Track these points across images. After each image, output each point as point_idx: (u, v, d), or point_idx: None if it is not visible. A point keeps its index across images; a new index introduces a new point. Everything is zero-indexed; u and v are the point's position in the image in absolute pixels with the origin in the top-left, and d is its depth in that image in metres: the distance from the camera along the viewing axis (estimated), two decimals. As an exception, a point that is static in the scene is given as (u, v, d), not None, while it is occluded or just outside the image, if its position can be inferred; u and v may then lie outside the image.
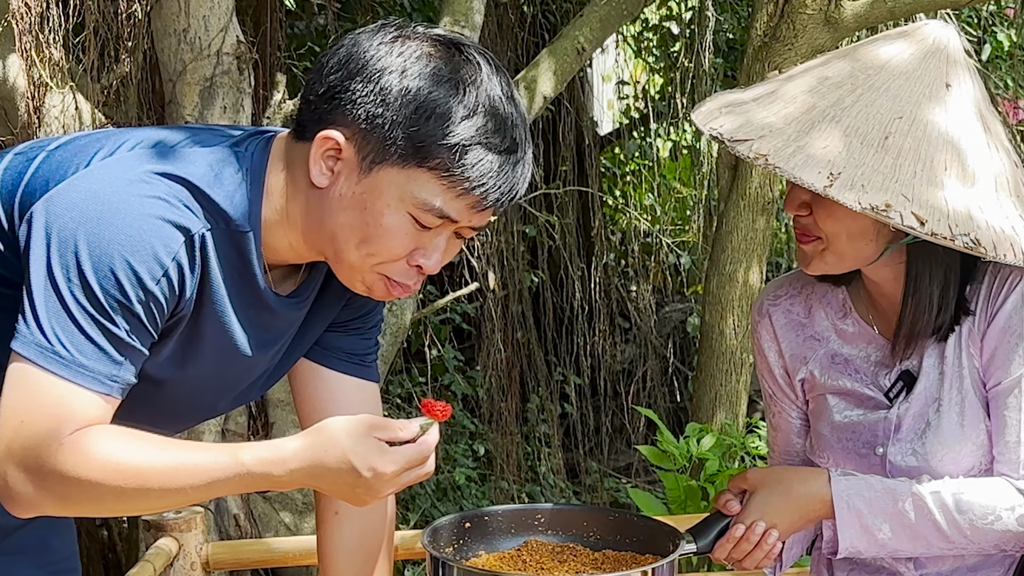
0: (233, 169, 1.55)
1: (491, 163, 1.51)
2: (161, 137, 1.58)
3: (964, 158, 1.73)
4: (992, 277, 1.84)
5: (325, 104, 1.53)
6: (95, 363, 1.45)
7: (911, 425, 1.89)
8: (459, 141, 1.49)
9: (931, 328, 1.84)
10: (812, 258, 1.84)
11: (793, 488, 1.89)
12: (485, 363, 5.78)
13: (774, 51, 4.06)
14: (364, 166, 1.51)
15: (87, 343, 1.44)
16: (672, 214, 7.44)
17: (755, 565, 1.90)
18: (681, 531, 1.88)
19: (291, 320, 1.70)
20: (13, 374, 1.45)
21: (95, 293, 1.43)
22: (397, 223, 1.53)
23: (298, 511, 3.65)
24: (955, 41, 1.81)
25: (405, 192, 1.51)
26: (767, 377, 2.07)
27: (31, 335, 1.44)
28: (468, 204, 1.53)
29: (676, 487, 3.38)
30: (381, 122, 1.49)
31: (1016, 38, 5.97)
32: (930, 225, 1.66)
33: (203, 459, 1.48)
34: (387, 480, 1.48)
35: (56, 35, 3.14)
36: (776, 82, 1.85)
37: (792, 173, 1.68)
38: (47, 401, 1.44)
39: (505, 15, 5.90)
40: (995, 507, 1.81)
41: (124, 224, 1.44)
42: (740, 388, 4.37)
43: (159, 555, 2.42)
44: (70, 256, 1.43)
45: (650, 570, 1.74)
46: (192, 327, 1.57)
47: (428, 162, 1.50)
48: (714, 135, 1.76)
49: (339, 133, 1.51)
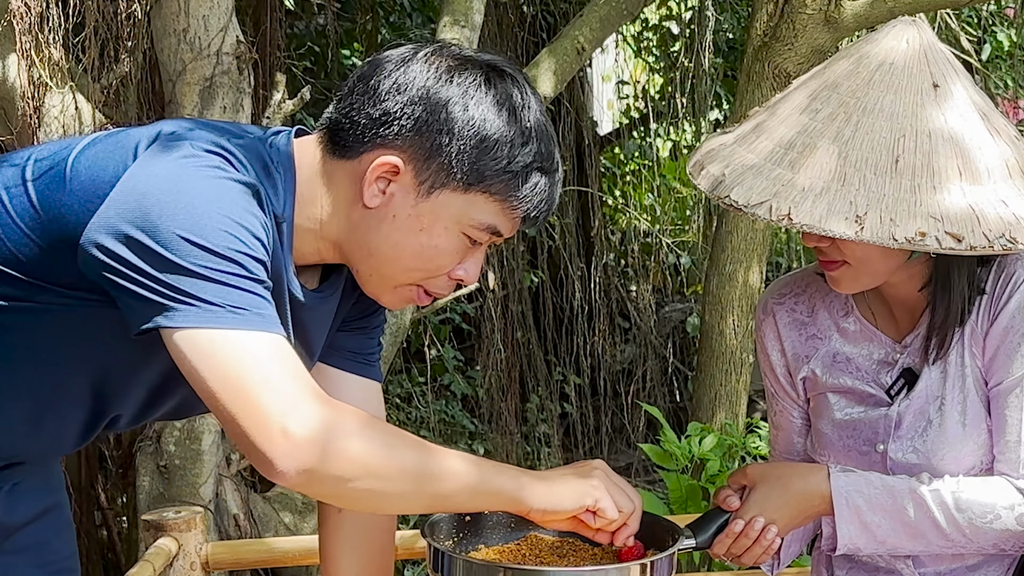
0: (265, 161, 1.56)
1: (544, 184, 1.59)
2: (194, 125, 1.59)
3: (974, 155, 1.73)
4: (997, 275, 1.84)
5: (380, 128, 1.55)
6: (263, 309, 1.42)
7: (912, 422, 1.89)
8: (521, 167, 1.56)
9: (958, 318, 1.84)
10: (843, 280, 1.83)
11: (792, 484, 1.89)
12: (485, 363, 5.79)
13: (774, 51, 4.06)
14: (423, 190, 1.55)
15: (245, 294, 1.40)
16: (672, 214, 7.45)
17: (754, 561, 1.90)
18: (680, 526, 1.88)
19: (320, 316, 1.71)
20: (197, 349, 1.38)
21: (219, 252, 1.40)
22: (452, 243, 1.58)
23: (298, 511, 3.65)
24: (927, 36, 1.80)
25: (464, 215, 1.56)
26: (769, 376, 2.07)
27: (194, 309, 1.39)
28: (518, 219, 1.60)
29: (678, 487, 3.38)
30: (447, 150, 1.53)
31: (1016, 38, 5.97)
32: (968, 240, 1.66)
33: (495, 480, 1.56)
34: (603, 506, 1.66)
35: (56, 35, 3.14)
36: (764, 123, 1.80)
37: (822, 228, 1.67)
38: (262, 356, 1.39)
39: (505, 15, 5.91)
40: (994, 506, 1.81)
41: (203, 191, 1.43)
42: (740, 388, 4.37)
43: (159, 555, 2.42)
44: (174, 238, 1.39)
45: (649, 564, 1.74)
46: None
47: (490, 188, 1.55)
48: (730, 204, 1.73)
49: (398, 159, 1.54)
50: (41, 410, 1.63)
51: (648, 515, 1.98)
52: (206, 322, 1.38)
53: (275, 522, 3.60)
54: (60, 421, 1.66)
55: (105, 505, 4.24)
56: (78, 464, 4.08)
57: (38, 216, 1.51)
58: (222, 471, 3.49)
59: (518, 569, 1.75)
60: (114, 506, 4.30)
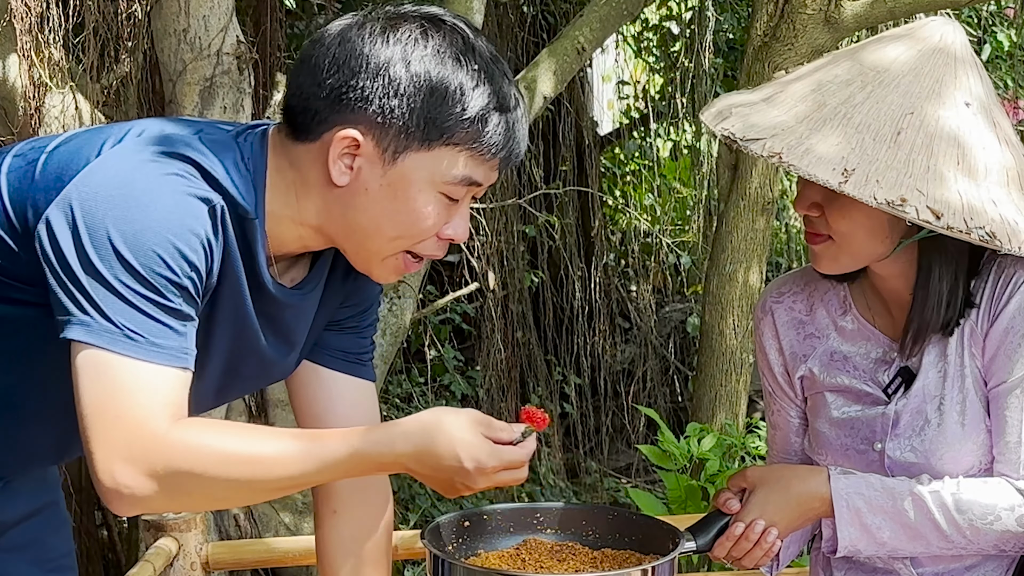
0: (237, 157, 1.57)
1: (506, 123, 1.57)
2: (165, 124, 1.60)
3: (975, 153, 1.74)
4: (996, 276, 1.84)
5: (331, 105, 1.54)
6: (165, 340, 1.45)
7: (909, 421, 1.89)
8: (477, 112, 1.54)
9: (939, 323, 1.84)
10: (824, 258, 1.84)
11: (792, 486, 1.89)
12: (485, 363, 5.78)
13: (774, 51, 4.06)
14: (387, 157, 1.54)
15: (150, 322, 1.44)
16: (672, 214, 7.44)
17: (754, 563, 1.91)
18: (681, 530, 1.88)
19: (300, 312, 1.71)
20: (86, 366, 1.43)
21: (141, 274, 1.43)
22: (430, 204, 1.57)
23: (298, 511, 3.65)
24: (960, 38, 1.82)
25: (435, 173, 1.55)
26: (767, 375, 2.08)
27: (95, 323, 1.43)
28: (492, 166, 1.58)
29: (677, 487, 3.38)
30: (399, 112, 1.52)
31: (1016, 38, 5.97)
32: (946, 219, 1.67)
33: (312, 445, 1.50)
34: (486, 475, 1.52)
35: (56, 35, 3.14)
36: (783, 82, 1.85)
37: (806, 171, 1.69)
38: (134, 388, 1.43)
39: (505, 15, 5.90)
40: (995, 507, 1.81)
41: (151, 202, 1.45)
42: (740, 388, 4.37)
43: (159, 555, 2.42)
44: (106, 244, 1.43)
45: (650, 568, 1.74)
46: (212, 305, 1.58)
47: (452, 139, 1.54)
48: (726, 135, 1.76)
49: (355, 131, 1.53)
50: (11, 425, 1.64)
51: (648, 518, 1.98)
52: (100, 341, 1.42)
53: (275, 522, 3.60)
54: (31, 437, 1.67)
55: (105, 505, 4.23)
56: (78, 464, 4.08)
57: (6, 211, 1.54)
58: (222, 471, 3.48)
59: None
60: (114, 506, 4.29)
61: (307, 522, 3.64)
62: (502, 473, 1.54)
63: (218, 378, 1.68)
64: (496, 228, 5.65)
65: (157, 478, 1.44)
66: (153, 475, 1.43)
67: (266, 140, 1.61)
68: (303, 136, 1.57)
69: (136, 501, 1.46)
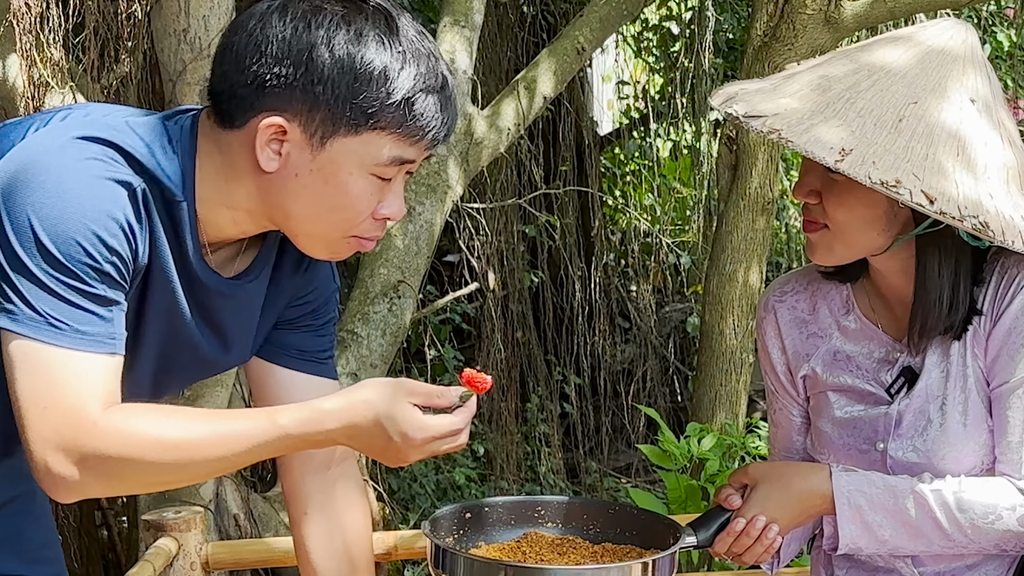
0: (165, 140, 1.56)
1: (434, 104, 1.54)
2: (91, 108, 1.60)
3: (977, 147, 1.74)
4: (999, 277, 1.85)
5: (255, 92, 1.52)
6: (90, 327, 1.46)
7: (912, 421, 1.89)
8: (403, 95, 1.52)
9: (943, 324, 1.84)
10: (819, 247, 1.84)
11: (794, 483, 1.89)
12: (485, 363, 5.78)
13: (774, 51, 4.06)
14: (315, 143, 1.53)
15: (74, 309, 1.45)
16: (672, 214, 7.44)
17: (755, 560, 1.91)
18: (681, 525, 1.88)
19: (240, 304, 1.70)
20: (16, 355, 1.45)
21: (62, 262, 1.44)
22: (362, 187, 1.56)
23: (298, 511, 3.64)
24: (970, 38, 1.83)
25: (364, 156, 1.54)
26: (770, 373, 2.08)
27: (21, 312, 1.44)
28: (422, 147, 1.56)
29: (677, 487, 3.38)
30: (324, 98, 1.50)
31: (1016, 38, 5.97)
32: (939, 204, 1.67)
33: (242, 426, 1.50)
34: (416, 447, 1.51)
35: (56, 35, 3.14)
36: (791, 72, 1.87)
37: (804, 147, 1.69)
38: (64, 377, 1.44)
39: (505, 15, 5.90)
40: (996, 506, 1.81)
41: (69, 189, 1.45)
42: (740, 388, 4.37)
43: (159, 555, 2.42)
44: (27, 231, 1.44)
45: (651, 562, 1.74)
46: (143, 291, 1.58)
47: (379, 123, 1.52)
48: (729, 112, 1.77)
49: (280, 118, 1.52)
50: None
51: (649, 513, 1.98)
52: (25, 330, 1.44)
53: (275, 522, 3.60)
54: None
55: (105, 505, 4.24)
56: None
57: None
58: (222, 471, 3.48)
59: (520, 567, 1.75)
60: (114, 506, 4.30)
61: (307, 522, 3.63)
62: (436, 443, 1.52)
63: (152, 367, 1.68)
64: (496, 228, 5.65)
65: (90, 465, 1.45)
66: (85, 462, 1.45)
67: (196, 124, 1.60)
68: (229, 123, 1.56)
69: (72, 488, 1.48)
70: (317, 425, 1.51)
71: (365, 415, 1.50)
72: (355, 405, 1.51)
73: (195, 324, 1.65)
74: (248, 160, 1.55)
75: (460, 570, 1.73)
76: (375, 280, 3.58)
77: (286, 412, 1.52)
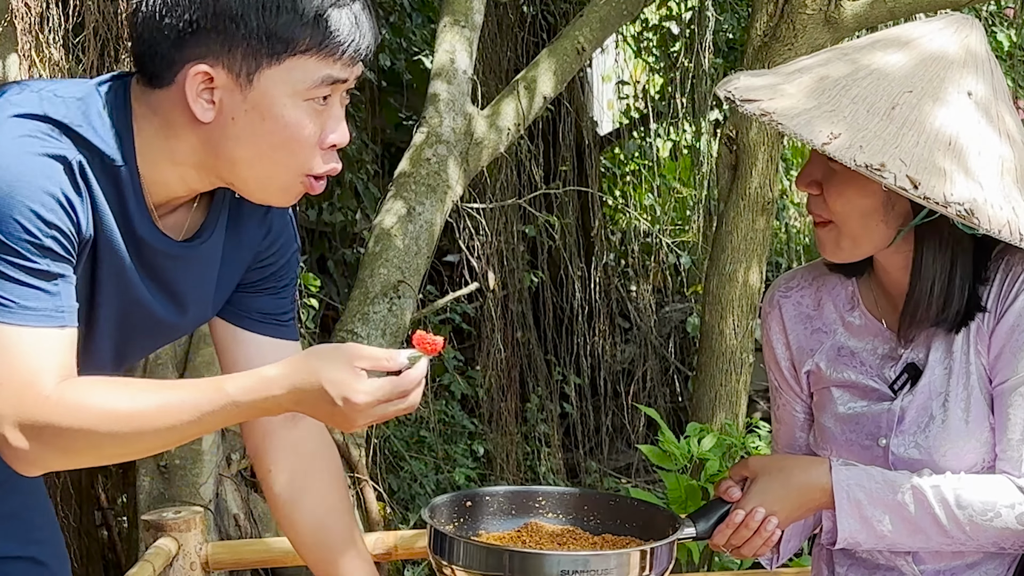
0: (99, 106, 1.57)
1: (348, 17, 1.55)
2: (24, 86, 1.61)
3: (970, 138, 1.75)
4: (1004, 275, 1.85)
5: (174, 45, 1.54)
6: (36, 302, 1.49)
7: (914, 418, 1.89)
8: (314, 12, 1.53)
9: (935, 317, 1.84)
10: (827, 243, 1.86)
11: (794, 476, 1.89)
12: (485, 363, 5.78)
13: (774, 51, 4.06)
14: (243, 82, 1.54)
15: (18, 286, 1.48)
16: (672, 214, 7.45)
17: (753, 552, 1.91)
18: (681, 516, 1.89)
19: (192, 265, 1.71)
20: None
21: (3, 241, 1.47)
22: (299, 116, 1.56)
23: (298, 511, 3.64)
24: (975, 34, 1.83)
25: (293, 84, 1.54)
26: (773, 369, 2.08)
27: None
28: (346, 62, 1.56)
29: (677, 487, 3.38)
30: (239, 34, 1.52)
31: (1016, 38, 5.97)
32: (923, 188, 1.68)
33: (190, 395, 1.52)
34: (360, 411, 1.51)
35: (56, 35, 3.14)
36: (798, 62, 1.88)
37: (794, 131, 1.70)
38: (14, 353, 1.48)
39: (505, 15, 5.91)
40: (995, 504, 1.81)
41: (3, 168, 1.47)
42: (740, 388, 4.37)
43: (159, 555, 2.42)
44: None
45: (649, 551, 1.74)
46: (91, 260, 1.59)
47: (298, 47, 1.53)
48: (726, 95, 1.79)
49: (204, 65, 1.53)
50: None
51: (649, 505, 1.98)
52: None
53: (275, 522, 3.60)
54: None
55: (105, 505, 4.24)
56: (78, 464, 4.08)
57: None
58: (222, 471, 3.49)
59: (524, 553, 1.75)
60: (114, 506, 4.30)
61: (307, 522, 3.63)
62: (382, 406, 1.52)
63: (111, 338, 1.69)
64: (496, 228, 5.65)
65: (45, 439, 1.48)
66: (41, 436, 1.48)
67: (128, 89, 1.61)
68: (158, 82, 1.57)
69: (32, 461, 1.51)
70: (263, 392, 1.51)
71: (309, 381, 1.50)
72: (300, 371, 1.52)
73: (148, 289, 1.66)
74: (184, 115, 1.56)
75: (463, 557, 1.73)
76: (375, 280, 3.58)
77: (233, 380, 1.53)
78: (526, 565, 1.71)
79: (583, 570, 1.70)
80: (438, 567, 1.78)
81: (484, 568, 1.73)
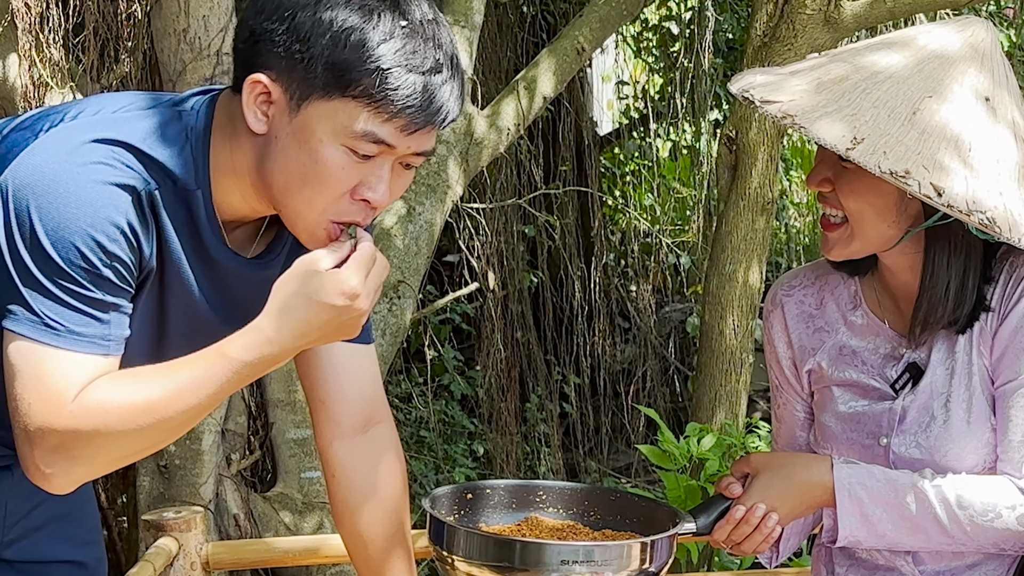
0: (176, 129, 1.57)
1: (415, 84, 1.49)
2: (102, 104, 1.60)
3: (989, 144, 1.75)
4: (1008, 276, 1.85)
5: (248, 50, 1.53)
6: (85, 328, 1.49)
7: (915, 417, 1.89)
8: (379, 65, 1.48)
9: (947, 318, 1.84)
10: (837, 243, 1.85)
11: (795, 473, 1.89)
12: (485, 363, 5.79)
13: (774, 51, 4.06)
14: (293, 105, 1.52)
15: (69, 311, 1.48)
16: (672, 214, 7.45)
17: (753, 548, 1.91)
18: (682, 511, 1.89)
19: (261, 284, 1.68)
20: (13, 355, 1.49)
21: (60, 266, 1.46)
22: (333, 157, 1.52)
23: (298, 511, 3.65)
24: (991, 36, 1.83)
25: (336, 124, 1.50)
26: (775, 367, 2.08)
27: (22, 314, 1.48)
28: (398, 128, 1.51)
29: (676, 487, 3.38)
30: (300, 57, 1.49)
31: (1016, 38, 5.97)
32: (947, 197, 1.67)
33: (202, 371, 1.51)
34: (358, 295, 1.50)
35: (56, 35, 3.14)
36: (815, 59, 1.87)
37: (815, 134, 1.70)
38: (51, 373, 1.47)
39: (505, 15, 5.91)
40: (996, 505, 1.82)
41: (72, 194, 1.47)
42: (740, 388, 4.37)
43: (159, 555, 2.42)
44: (28, 232, 1.47)
45: (649, 543, 1.74)
46: (158, 288, 1.59)
47: (352, 90, 1.49)
48: (745, 95, 1.77)
49: (264, 76, 1.52)
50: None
51: (649, 500, 1.98)
52: (23, 330, 1.48)
53: (275, 522, 3.60)
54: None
55: (105, 505, 4.23)
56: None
57: None
58: (222, 471, 3.49)
59: (524, 542, 1.75)
60: (114, 506, 4.30)
61: (307, 521, 3.64)
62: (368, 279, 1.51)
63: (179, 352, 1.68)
64: (496, 228, 5.65)
65: (71, 450, 1.49)
66: (67, 449, 1.48)
67: (214, 104, 1.61)
68: (236, 85, 1.56)
69: (62, 479, 1.51)
70: (262, 340, 1.50)
71: (300, 304, 1.49)
72: (287, 303, 1.50)
73: (215, 304, 1.66)
74: (244, 122, 1.55)
75: (466, 547, 1.73)
76: (375, 280, 3.58)
77: (232, 342, 1.52)
78: (526, 555, 1.71)
79: (583, 560, 1.70)
80: (438, 557, 1.78)
81: (484, 558, 1.72)
